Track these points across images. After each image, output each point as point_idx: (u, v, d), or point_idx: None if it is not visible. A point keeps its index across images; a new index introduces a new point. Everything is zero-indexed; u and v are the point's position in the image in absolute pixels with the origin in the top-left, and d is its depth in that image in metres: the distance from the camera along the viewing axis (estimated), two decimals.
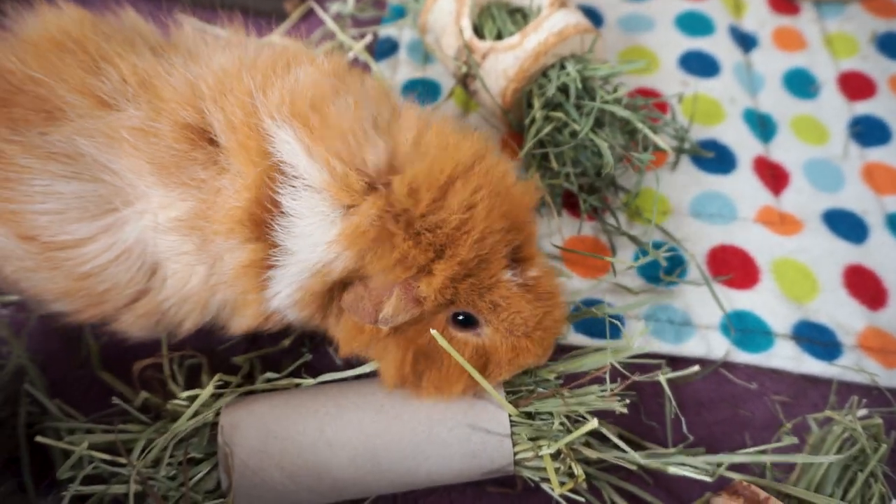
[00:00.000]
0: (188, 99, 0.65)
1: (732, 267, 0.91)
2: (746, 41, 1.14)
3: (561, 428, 0.69)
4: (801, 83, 1.09)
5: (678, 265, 0.90)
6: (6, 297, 0.84)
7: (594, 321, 0.84)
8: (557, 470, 0.68)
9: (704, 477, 0.70)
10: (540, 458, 0.68)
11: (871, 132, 1.04)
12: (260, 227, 0.63)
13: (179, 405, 0.71)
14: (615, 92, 0.90)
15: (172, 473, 0.68)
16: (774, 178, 0.99)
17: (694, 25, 1.14)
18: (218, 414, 0.70)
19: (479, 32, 0.95)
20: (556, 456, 0.69)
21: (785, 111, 1.06)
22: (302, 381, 0.74)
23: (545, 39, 0.88)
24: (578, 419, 0.70)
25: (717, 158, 1.00)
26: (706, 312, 0.87)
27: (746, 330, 0.86)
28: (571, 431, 0.68)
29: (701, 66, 1.09)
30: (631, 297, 0.88)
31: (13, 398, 0.75)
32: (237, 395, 0.73)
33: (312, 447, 0.68)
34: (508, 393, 0.72)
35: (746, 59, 1.12)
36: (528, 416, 0.71)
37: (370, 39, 1.10)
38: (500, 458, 0.69)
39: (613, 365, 0.74)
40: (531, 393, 0.72)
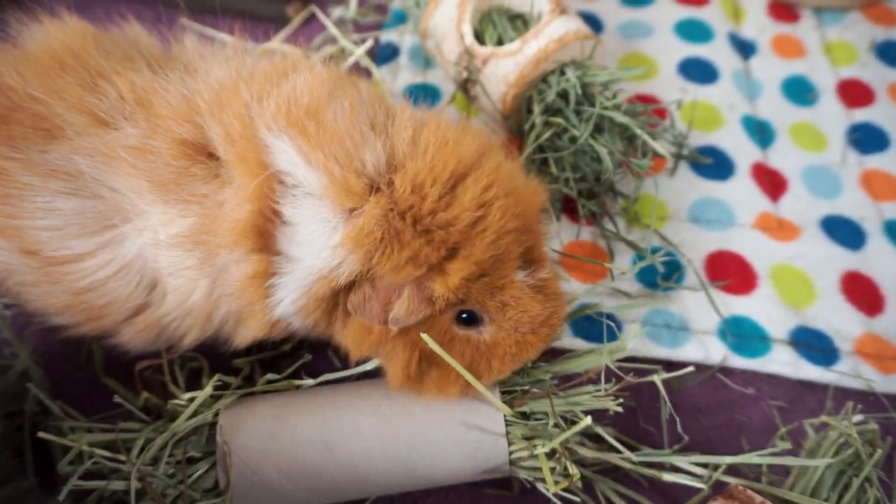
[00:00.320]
0: (184, 115, 0.65)
1: (730, 273, 0.91)
2: (745, 48, 1.15)
3: (556, 428, 0.69)
4: (799, 90, 1.10)
5: (676, 270, 0.91)
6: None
7: (591, 325, 0.85)
8: (553, 470, 0.68)
9: (699, 484, 0.71)
10: (535, 457, 0.69)
11: (869, 139, 1.04)
12: (264, 237, 0.63)
13: (179, 405, 0.71)
14: (615, 98, 0.90)
15: (171, 472, 0.68)
16: (773, 184, 1.00)
17: (693, 32, 1.15)
18: (217, 414, 0.71)
19: (479, 38, 0.96)
20: (551, 455, 0.69)
21: (783, 118, 1.07)
22: (302, 382, 0.75)
23: (545, 46, 0.89)
24: (574, 420, 0.71)
25: (715, 164, 1.01)
26: (703, 318, 0.87)
27: (743, 335, 0.86)
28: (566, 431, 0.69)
29: (700, 72, 1.10)
30: (628, 301, 0.88)
31: (18, 398, 0.76)
32: (237, 396, 0.73)
33: (310, 447, 0.68)
34: (503, 393, 0.73)
35: (745, 65, 1.12)
36: (523, 415, 0.71)
37: (371, 44, 1.11)
38: (495, 457, 0.69)
39: (609, 366, 0.74)
40: (526, 393, 0.72)
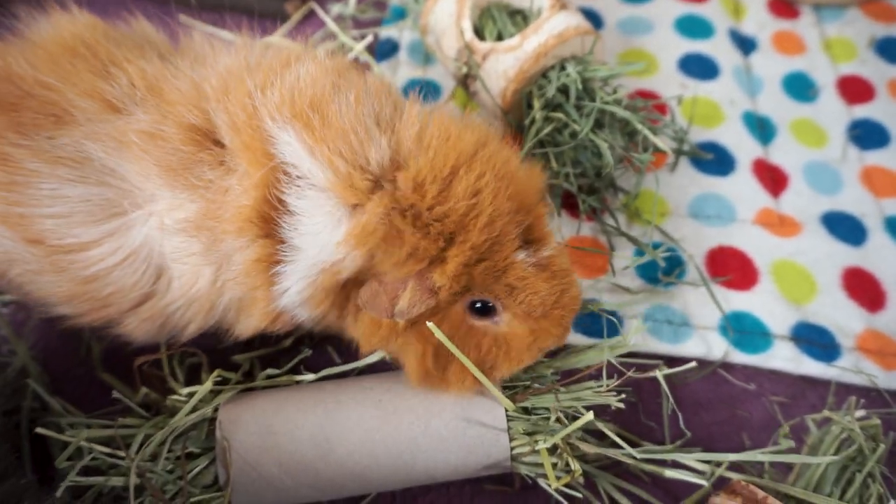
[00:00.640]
0: (193, 101, 0.65)
1: (731, 268, 0.91)
2: (746, 44, 1.14)
3: (557, 424, 0.69)
4: (800, 87, 1.09)
5: (677, 266, 0.90)
6: (6, 296, 0.85)
7: (592, 321, 0.84)
8: (554, 465, 0.68)
9: (701, 480, 0.70)
10: (536, 453, 0.68)
11: (869, 136, 1.04)
12: (269, 223, 0.63)
13: (179, 401, 0.71)
14: (615, 94, 0.90)
15: (170, 467, 0.68)
16: (773, 180, 0.99)
17: (693, 28, 1.15)
18: (217, 409, 0.70)
19: (479, 34, 0.95)
20: (552, 451, 0.69)
21: (784, 114, 1.06)
22: (302, 377, 0.74)
23: (545, 41, 0.89)
24: (575, 415, 0.70)
25: (716, 160, 1.00)
26: (705, 313, 0.87)
27: (745, 331, 0.86)
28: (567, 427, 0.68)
29: (700, 68, 1.10)
30: (630, 297, 0.88)
31: (16, 396, 0.76)
32: (236, 391, 0.73)
33: (311, 441, 0.68)
34: (505, 388, 0.72)
35: (746, 62, 1.12)
36: (524, 411, 0.71)
37: (371, 40, 1.11)
38: (496, 452, 0.69)
39: (610, 362, 0.74)
40: (527, 388, 0.72)
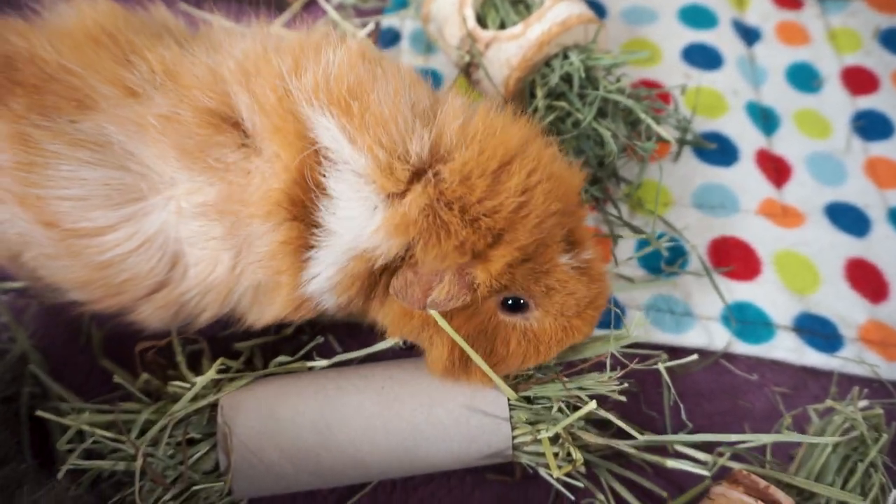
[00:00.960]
0: (210, 84, 0.65)
1: (734, 258, 0.90)
2: (750, 35, 1.14)
3: (559, 413, 0.69)
4: (804, 77, 1.09)
5: (679, 256, 0.90)
6: (7, 283, 0.84)
7: None
8: (556, 455, 0.68)
9: (702, 470, 0.70)
10: (538, 442, 0.68)
11: (873, 127, 1.04)
12: (299, 207, 0.62)
13: (181, 387, 0.71)
14: (618, 82, 0.90)
15: (171, 453, 0.67)
16: (777, 170, 0.99)
17: (697, 18, 1.14)
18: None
19: (482, 22, 0.94)
20: (554, 440, 0.69)
21: (788, 105, 1.06)
22: (314, 363, 0.74)
23: (549, 29, 0.88)
24: (578, 405, 0.70)
25: (719, 150, 1.00)
26: (707, 303, 0.86)
27: (747, 321, 0.85)
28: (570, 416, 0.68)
29: (704, 58, 1.09)
30: (632, 287, 0.87)
31: (16, 382, 0.75)
32: (247, 380, 0.72)
33: (312, 428, 0.67)
34: (507, 377, 0.72)
35: (749, 52, 1.12)
36: (527, 400, 0.70)
37: (372, 29, 1.10)
38: (498, 441, 0.68)
39: (613, 353, 0.73)
40: (530, 378, 0.72)
